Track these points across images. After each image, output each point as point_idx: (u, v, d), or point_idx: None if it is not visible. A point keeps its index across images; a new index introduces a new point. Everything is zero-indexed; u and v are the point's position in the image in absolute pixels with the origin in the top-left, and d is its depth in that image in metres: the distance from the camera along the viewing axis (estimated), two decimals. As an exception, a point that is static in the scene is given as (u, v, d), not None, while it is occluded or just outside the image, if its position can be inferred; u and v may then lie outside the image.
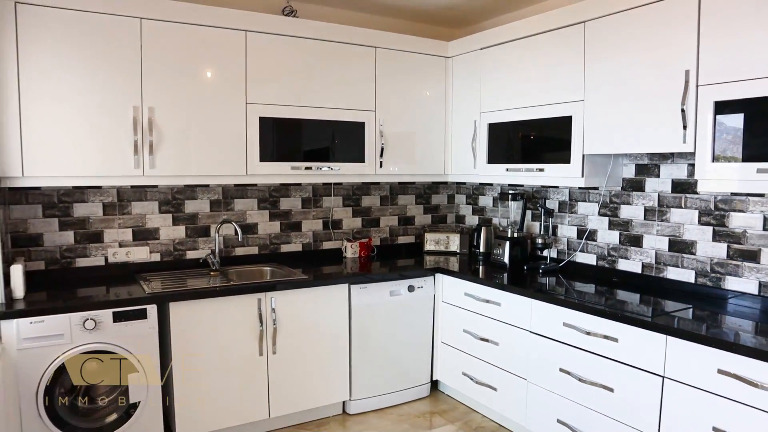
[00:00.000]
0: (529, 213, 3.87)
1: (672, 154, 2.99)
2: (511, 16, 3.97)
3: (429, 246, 4.27)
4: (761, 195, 2.64)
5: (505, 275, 3.52)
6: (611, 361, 2.63)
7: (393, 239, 4.33)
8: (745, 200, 2.72)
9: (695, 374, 2.29)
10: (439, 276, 3.73)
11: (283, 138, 3.42)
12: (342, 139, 3.63)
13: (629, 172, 3.26)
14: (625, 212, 3.29)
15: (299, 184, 3.87)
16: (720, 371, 2.20)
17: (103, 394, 2.80)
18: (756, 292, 2.70)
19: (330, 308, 3.36)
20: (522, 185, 3.88)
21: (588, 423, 2.76)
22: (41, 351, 2.59)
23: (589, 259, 3.50)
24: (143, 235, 3.42)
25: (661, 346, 2.41)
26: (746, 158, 2.34)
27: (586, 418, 2.77)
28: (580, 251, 3.56)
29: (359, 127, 3.66)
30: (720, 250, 2.84)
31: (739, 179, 2.37)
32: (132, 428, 2.78)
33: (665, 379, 2.41)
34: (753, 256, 2.71)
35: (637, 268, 3.23)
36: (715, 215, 2.85)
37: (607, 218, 3.39)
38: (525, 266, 3.65)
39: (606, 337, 2.64)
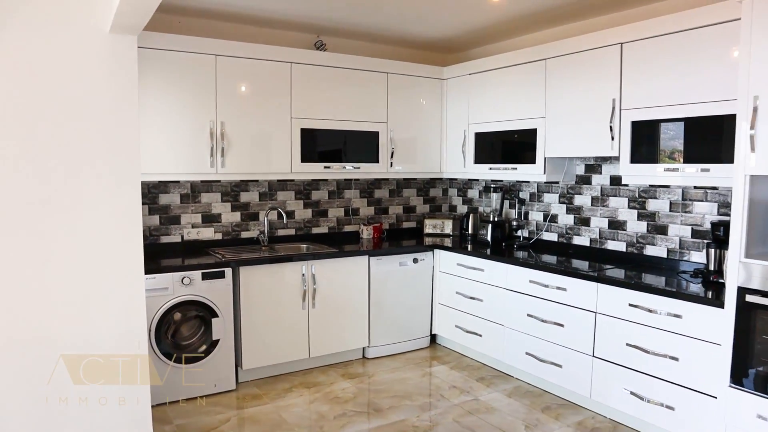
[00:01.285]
0: (506, 202, 4.92)
1: (609, 158, 4.04)
2: (493, 47, 5.01)
3: (428, 229, 5.31)
4: (667, 186, 3.71)
5: (488, 249, 4.57)
6: (562, 305, 3.69)
7: (399, 224, 5.38)
8: (658, 190, 3.79)
9: (615, 308, 3.36)
10: (437, 251, 4.77)
11: (317, 144, 4.45)
12: (361, 145, 4.65)
13: (581, 170, 4.32)
14: (578, 200, 4.35)
15: (326, 180, 4.89)
16: (630, 305, 3.27)
17: (186, 337, 3.81)
18: (665, 256, 3.77)
19: (354, 274, 4.39)
20: (501, 180, 4.93)
21: (547, 351, 3.82)
22: (152, 300, 3.58)
23: (552, 237, 4.57)
24: (209, 218, 4.43)
25: (594, 291, 3.48)
26: (651, 161, 3.40)
27: (545, 349, 3.83)
28: (545, 231, 4.62)
29: (374, 135, 4.70)
30: (642, 226, 3.91)
31: (647, 175, 3.44)
32: (215, 358, 3.80)
33: (597, 314, 3.48)
34: (663, 231, 3.78)
35: (586, 242, 4.30)
36: (639, 201, 3.92)
37: (564, 205, 4.45)
38: (503, 243, 4.72)
39: (558, 287, 3.71)
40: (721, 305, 2.83)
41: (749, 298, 2.70)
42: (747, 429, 2.71)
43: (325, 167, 4.49)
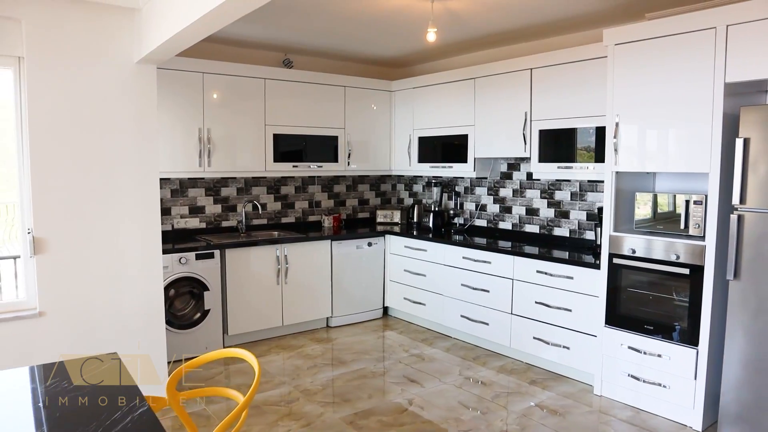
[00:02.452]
0: (445, 195, 5.88)
1: (524, 158, 5.03)
2: (433, 64, 5.96)
3: (379, 219, 6.21)
4: (568, 180, 4.73)
5: (430, 234, 5.51)
6: (488, 275, 4.66)
7: (355, 214, 6.26)
8: (562, 183, 4.81)
9: (526, 274, 4.34)
10: (387, 236, 5.68)
11: (287, 147, 5.27)
12: (323, 147, 5.51)
13: (504, 168, 5.31)
14: (502, 192, 5.34)
15: (293, 177, 5.72)
16: (537, 271, 4.26)
17: (181, 308, 4.58)
18: (568, 235, 4.79)
19: (319, 256, 5.25)
20: (440, 176, 5.88)
21: (477, 313, 4.78)
22: (155, 276, 4.35)
23: (482, 222, 5.54)
24: (195, 210, 5.19)
25: (511, 263, 4.46)
26: (551, 160, 4.41)
27: (476, 311, 4.79)
28: (477, 218, 5.59)
29: (334, 138, 5.56)
30: (551, 212, 4.93)
31: (550, 172, 4.44)
32: (207, 324, 4.59)
33: (514, 280, 4.46)
34: (566, 215, 4.81)
35: (509, 227, 5.29)
36: (548, 192, 4.93)
37: (492, 197, 5.44)
38: (443, 228, 5.67)
39: (485, 261, 4.67)
40: (599, 267, 3.85)
41: (615, 260, 3.73)
42: (615, 355, 3.74)
43: (293, 166, 5.33)
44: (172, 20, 2.82)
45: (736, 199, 3.11)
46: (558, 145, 4.39)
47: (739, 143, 3.07)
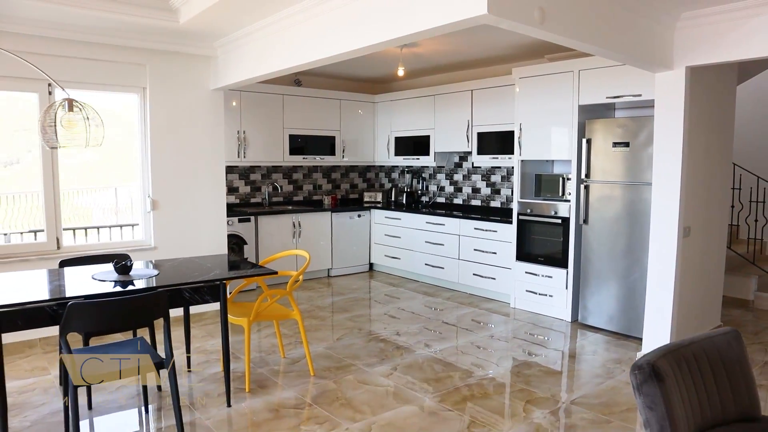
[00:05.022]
0: (415, 180, 7.86)
1: (469, 152, 7.00)
2: (406, 82, 7.93)
3: (366, 198, 8.17)
4: (499, 167, 6.74)
5: (404, 208, 7.49)
6: (443, 233, 6.65)
7: (347, 195, 8.23)
8: (495, 169, 6.82)
9: (468, 231, 6.34)
10: (372, 210, 7.66)
11: (299, 143, 7.22)
12: (324, 144, 7.46)
13: (456, 159, 7.30)
14: (456, 177, 7.34)
15: (302, 166, 7.67)
16: (475, 228, 6.27)
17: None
18: (500, 206, 6.81)
19: (323, 223, 7.21)
20: (411, 166, 7.86)
21: (436, 261, 6.77)
22: (211, 234, 6.28)
23: (442, 199, 7.54)
24: (231, 190, 7.12)
25: (458, 224, 6.46)
26: (486, 153, 6.41)
27: (435, 260, 6.79)
28: (438, 196, 7.59)
29: (332, 138, 7.52)
30: (489, 190, 6.93)
31: (485, 162, 6.45)
32: (245, 268, 6.52)
33: (460, 236, 6.46)
34: (498, 192, 6.82)
35: (460, 202, 7.29)
36: (487, 176, 6.94)
37: (448, 180, 7.43)
38: (413, 204, 7.67)
39: (441, 224, 6.66)
40: (512, 223, 5.85)
41: (521, 218, 5.74)
42: (522, 279, 5.75)
43: (303, 158, 7.28)
44: (238, 72, 4.78)
45: (584, 176, 5.13)
46: (489, 142, 6.39)
47: (584, 142, 5.08)
